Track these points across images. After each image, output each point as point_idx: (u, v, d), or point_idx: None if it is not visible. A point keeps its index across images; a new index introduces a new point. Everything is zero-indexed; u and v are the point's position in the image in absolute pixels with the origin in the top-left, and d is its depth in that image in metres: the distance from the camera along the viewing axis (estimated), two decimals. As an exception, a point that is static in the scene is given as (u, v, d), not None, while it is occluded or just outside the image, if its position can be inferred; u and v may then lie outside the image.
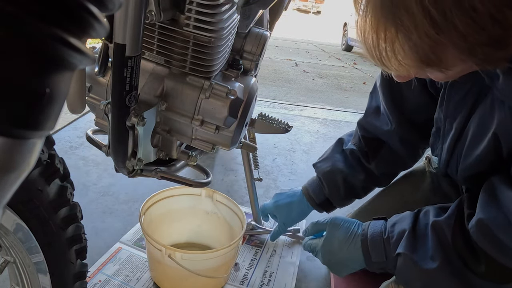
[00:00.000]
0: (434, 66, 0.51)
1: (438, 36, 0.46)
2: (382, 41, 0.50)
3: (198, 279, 0.90)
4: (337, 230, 0.83)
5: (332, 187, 1.00)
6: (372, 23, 0.51)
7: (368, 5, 0.51)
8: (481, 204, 0.63)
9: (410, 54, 0.49)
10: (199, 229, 1.10)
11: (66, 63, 0.22)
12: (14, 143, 0.21)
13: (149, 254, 0.97)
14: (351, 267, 0.82)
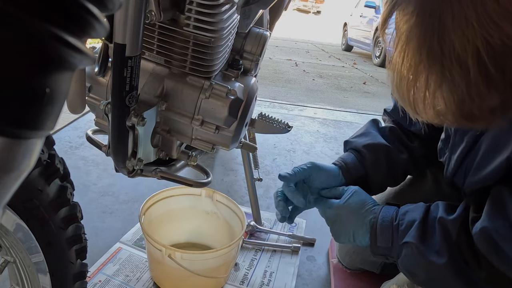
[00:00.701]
0: (476, 122, 0.46)
1: (490, 95, 0.42)
2: (421, 89, 0.45)
3: (198, 279, 0.90)
4: (356, 196, 0.79)
5: (374, 160, 0.87)
6: (412, 65, 0.45)
7: (408, 43, 0.44)
8: (487, 212, 0.63)
9: (452, 108, 0.45)
10: (199, 229, 1.11)
11: (66, 63, 0.22)
12: (14, 143, 0.21)
13: (149, 254, 0.97)
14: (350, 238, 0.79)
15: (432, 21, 0.42)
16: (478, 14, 0.39)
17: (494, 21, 0.39)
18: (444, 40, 0.41)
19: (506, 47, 0.39)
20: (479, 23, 0.39)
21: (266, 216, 1.30)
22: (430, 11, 0.42)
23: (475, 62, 0.40)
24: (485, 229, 0.62)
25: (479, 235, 0.62)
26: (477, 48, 0.40)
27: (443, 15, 0.41)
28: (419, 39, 0.43)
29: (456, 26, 0.40)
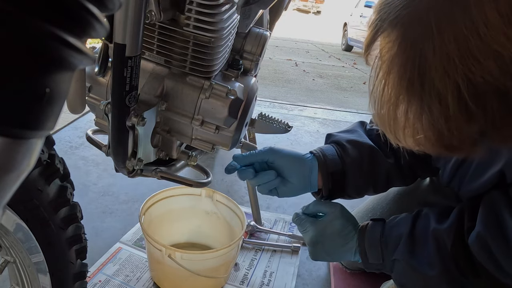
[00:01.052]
0: (456, 152, 0.46)
1: (470, 130, 0.41)
2: (401, 119, 0.44)
3: (198, 279, 0.90)
4: (337, 219, 0.77)
5: (356, 156, 0.80)
6: (392, 96, 0.43)
7: (389, 72, 0.43)
8: (481, 219, 0.63)
9: (432, 140, 0.44)
10: (199, 229, 1.11)
11: (66, 63, 0.22)
12: (14, 143, 0.21)
13: (149, 254, 0.97)
14: (331, 258, 0.80)
15: (413, 53, 0.40)
16: (460, 51, 0.38)
17: (476, 58, 0.37)
18: (424, 74, 0.40)
19: (487, 84, 0.38)
20: (461, 60, 0.38)
21: (266, 216, 1.30)
22: (412, 43, 0.41)
23: (455, 98, 0.39)
24: (481, 236, 0.62)
25: (475, 243, 0.62)
26: (458, 85, 0.39)
27: (424, 48, 0.39)
28: (399, 70, 0.42)
29: (437, 61, 0.39)
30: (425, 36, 0.39)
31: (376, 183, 0.83)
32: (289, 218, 1.28)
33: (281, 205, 1.38)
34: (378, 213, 0.99)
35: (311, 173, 0.79)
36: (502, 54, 0.37)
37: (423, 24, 0.39)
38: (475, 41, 0.37)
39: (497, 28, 0.36)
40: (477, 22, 0.37)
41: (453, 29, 0.37)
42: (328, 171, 0.80)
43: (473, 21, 0.37)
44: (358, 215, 1.05)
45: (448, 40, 0.38)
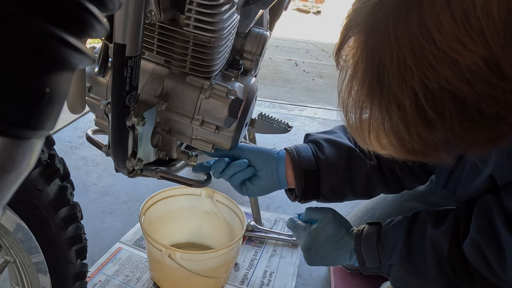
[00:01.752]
0: (421, 157, 0.46)
1: (431, 136, 0.41)
2: (366, 123, 0.45)
3: (198, 279, 0.90)
4: (330, 224, 0.77)
5: (332, 155, 0.77)
6: (356, 101, 0.44)
7: (353, 79, 0.44)
8: (475, 224, 0.63)
9: (395, 144, 0.44)
10: (199, 229, 1.11)
11: (66, 63, 0.22)
12: (14, 143, 0.21)
13: (149, 254, 0.97)
14: (326, 262, 0.80)
15: (373, 60, 0.41)
16: (416, 57, 0.38)
17: (432, 65, 0.37)
18: (383, 80, 0.40)
19: (444, 90, 0.38)
20: (417, 66, 0.38)
21: (266, 216, 1.30)
22: (372, 50, 0.41)
23: (413, 104, 0.39)
24: (474, 242, 0.62)
25: (469, 248, 0.62)
26: (415, 91, 0.39)
27: (383, 55, 0.40)
28: (361, 76, 0.42)
29: (394, 68, 0.39)
30: (383, 44, 0.39)
31: (355, 185, 0.80)
32: (292, 216, 1.28)
33: (281, 205, 1.38)
34: (377, 213, 0.99)
35: (278, 167, 0.77)
36: (457, 61, 0.37)
37: (382, 31, 0.39)
38: (430, 48, 0.37)
39: (452, 35, 0.36)
40: (432, 29, 0.37)
41: (409, 36, 0.38)
42: (301, 168, 0.77)
43: (428, 28, 0.37)
44: (358, 215, 1.05)
45: (405, 47, 0.38)
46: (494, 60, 0.36)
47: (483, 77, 0.37)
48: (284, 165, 0.77)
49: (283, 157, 0.78)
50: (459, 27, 0.36)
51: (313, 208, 0.81)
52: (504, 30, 0.35)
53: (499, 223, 0.60)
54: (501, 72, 0.36)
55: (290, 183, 0.79)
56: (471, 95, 0.37)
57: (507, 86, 0.37)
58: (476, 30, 0.35)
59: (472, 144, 0.42)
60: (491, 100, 0.37)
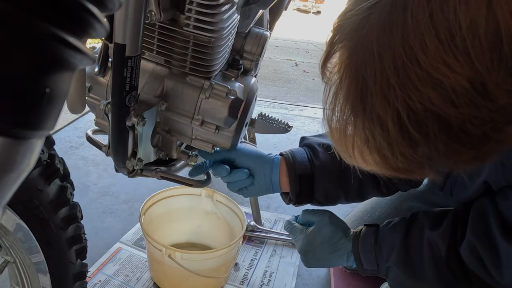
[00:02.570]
0: (406, 174, 0.45)
1: (416, 155, 0.41)
2: (349, 141, 0.44)
3: (198, 279, 0.90)
4: (326, 227, 0.77)
5: (326, 161, 0.79)
6: (339, 118, 0.43)
7: (337, 95, 0.42)
8: (471, 226, 0.63)
9: (379, 162, 0.43)
10: (199, 229, 1.11)
11: (66, 63, 0.22)
12: (14, 143, 0.21)
13: (149, 254, 0.97)
14: (323, 264, 0.80)
15: (356, 78, 0.40)
16: (400, 78, 0.37)
17: (416, 86, 0.36)
18: (366, 99, 0.39)
19: (428, 111, 0.37)
20: (400, 87, 0.37)
21: (266, 216, 1.30)
22: (355, 68, 0.40)
23: (396, 124, 0.38)
24: (471, 244, 0.62)
25: (466, 251, 0.62)
26: (398, 111, 0.38)
27: (366, 74, 0.39)
28: (345, 94, 0.42)
29: (377, 87, 0.38)
30: (367, 62, 0.38)
31: (348, 190, 0.81)
32: (289, 218, 1.28)
33: (281, 205, 1.37)
34: (377, 213, 0.99)
35: (272, 172, 0.78)
36: (442, 82, 0.35)
37: (366, 50, 0.38)
38: (414, 69, 0.36)
39: (436, 56, 0.35)
40: (416, 50, 0.36)
41: (393, 56, 0.37)
42: (296, 173, 0.78)
43: (412, 48, 0.36)
44: (357, 215, 1.05)
45: (388, 67, 0.37)
46: (480, 81, 0.35)
47: (469, 98, 0.36)
48: (278, 171, 0.79)
49: (278, 163, 0.79)
50: (444, 47, 0.35)
51: (309, 211, 0.82)
52: (490, 51, 0.34)
53: (495, 227, 0.60)
54: (487, 93, 0.35)
55: (284, 187, 0.80)
56: (456, 116, 0.36)
57: (493, 107, 0.36)
58: (461, 50, 0.34)
59: (457, 163, 0.41)
60: (477, 120, 0.36)
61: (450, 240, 0.65)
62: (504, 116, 0.37)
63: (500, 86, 0.35)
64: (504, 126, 0.37)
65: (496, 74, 0.34)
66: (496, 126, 0.37)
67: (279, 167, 0.79)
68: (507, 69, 0.34)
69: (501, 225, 0.59)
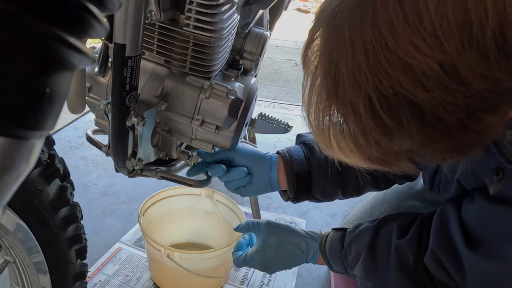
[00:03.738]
0: (383, 166, 0.44)
1: (391, 144, 0.39)
2: (326, 131, 0.43)
3: (198, 279, 0.90)
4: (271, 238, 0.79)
5: (323, 158, 0.79)
6: (316, 108, 0.43)
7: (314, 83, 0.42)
8: (433, 235, 0.64)
9: (356, 153, 0.43)
10: (199, 229, 1.10)
11: (66, 63, 0.22)
12: (14, 143, 0.21)
13: (149, 254, 0.97)
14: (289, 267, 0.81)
15: (329, 65, 0.40)
16: (370, 62, 0.36)
17: (385, 70, 0.36)
18: (338, 85, 0.39)
19: (398, 96, 0.36)
20: (371, 71, 0.36)
21: (266, 216, 1.30)
22: (329, 55, 0.40)
23: (368, 110, 0.38)
24: (434, 253, 0.62)
25: (430, 260, 0.63)
26: (369, 96, 0.37)
27: (339, 60, 0.38)
28: (320, 82, 0.41)
29: (349, 72, 0.38)
30: (339, 48, 0.38)
31: (345, 186, 0.81)
32: (289, 218, 1.28)
33: (281, 205, 1.37)
34: (376, 212, 0.99)
35: (270, 171, 0.79)
36: (411, 65, 0.35)
37: (339, 35, 0.38)
38: (384, 52, 0.35)
39: (404, 38, 0.34)
40: (385, 33, 0.35)
41: (363, 40, 0.36)
42: (293, 171, 0.79)
43: (381, 32, 0.35)
44: (357, 215, 1.05)
45: (359, 52, 0.37)
46: (451, 64, 0.34)
47: (440, 82, 0.35)
48: (276, 170, 0.79)
49: (276, 162, 0.80)
50: (412, 30, 0.34)
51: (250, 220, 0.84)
52: (460, 32, 0.33)
53: (456, 235, 0.60)
54: (460, 77, 0.34)
55: (282, 185, 0.81)
56: (428, 101, 0.36)
57: (468, 92, 0.35)
58: (429, 32, 0.34)
59: (435, 153, 0.40)
60: (451, 106, 0.35)
61: (417, 249, 0.65)
62: (480, 103, 0.35)
63: (473, 69, 0.34)
64: (482, 114, 0.36)
65: (467, 56, 0.33)
66: (473, 114, 0.36)
67: (277, 165, 0.80)
68: (479, 51, 0.33)
69: (462, 232, 0.60)
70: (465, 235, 0.60)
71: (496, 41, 0.33)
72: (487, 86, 0.34)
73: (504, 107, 0.37)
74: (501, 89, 0.35)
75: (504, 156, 0.50)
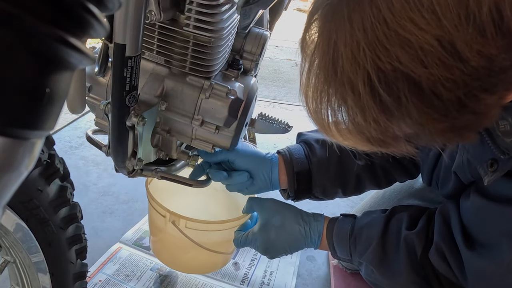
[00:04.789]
0: (381, 147, 0.44)
1: (390, 123, 0.40)
2: (325, 113, 0.43)
3: (199, 253, 0.86)
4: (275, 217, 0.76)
5: (323, 157, 0.79)
6: (314, 89, 0.43)
7: (312, 65, 0.42)
8: (437, 229, 0.64)
9: (355, 134, 0.43)
10: (207, 206, 1.06)
11: (66, 63, 0.22)
12: (14, 143, 0.21)
13: (151, 222, 0.91)
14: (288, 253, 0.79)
15: (328, 45, 0.40)
16: (369, 38, 0.36)
17: (384, 46, 0.36)
18: (337, 64, 0.39)
19: (397, 72, 0.36)
20: (370, 47, 0.37)
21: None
22: (328, 35, 0.40)
23: (367, 88, 0.38)
24: (438, 247, 0.62)
25: (434, 254, 0.63)
26: (368, 73, 0.37)
27: (337, 39, 0.39)
28: (319, 63, 0.41)
29: (348, 51, 0.38)
30: (338, 26, 0.39)
31: (345, 185, 0.82)
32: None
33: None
34: None
35: (271, 172, 0.79)
36: (409, 40, 0.35)
37: (337, 15, 0.39)
38: (382, 28, 0.36)
39: (402, 14, 0.35)
40: (383, 9, 0.35)
41: (361, 17, 0.37)
42: (294, 170, 0.79)
43: (379, 8, 0.36)
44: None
45: (358, 29, 0.37)
46: (448, 39, 0.34)
47: (438, 57, 0.35)
48: (277, 170, 0.80)
49: (276, 162, 0.80)
50: (409, 5, 0.34)
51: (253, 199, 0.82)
52: (457, 7, 0.33)
53: (457, 233, 0.60)
54: (457, 53, 0.35)
55: (283, 184, 0.81)
56: (426, 77, 0.36)
57: (466, 69, 0.35)
58: (427, 7, 0.34)
59: (433, 134, 0.40)
60: (449, 83, 0.36)
61: (425, 242, 0.65)
62: (478, 81, 0.36)
63: (470, 45, 0.34)
64: (480, 93, 0.37)
65: (465, 32, 0.34)
66: (470, 92, 0.36)
67: (277, 166, 0.80)
68: (476, 26, 0.34)
69: (462, 231, 0.60)
70: (464, 234, 0.60)
71: (492, 17, 0.33)
72: (484, 63, 0.35)
73: (500, 88, 0.37)
74: (497, 67, 0.35)
75: (497, 147, 0.50)
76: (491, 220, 0.57)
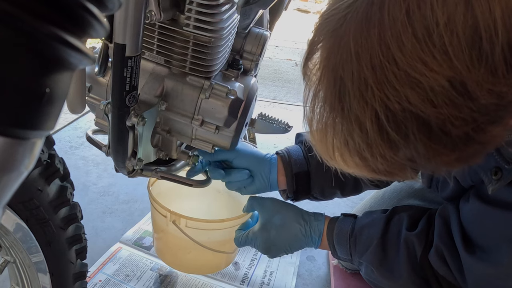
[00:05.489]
0: (387, 177, 0.44)
1: (396, 157, 0.39)
2: (330, 142, 0.42)
3: (201, 253, 0.86)
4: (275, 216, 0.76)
5: None
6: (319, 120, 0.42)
7: (316, 96, 0.41)
8: (437, 231, 0.64)
9: (360, 165, 0.42)
10: (209, 208, 1.06)
11: (66, 63, 0.22)
12: (14, 143, 0.21)
13: (154, 222, 0.92)
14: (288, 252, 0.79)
15: (334, 79, 0.39)
16: (377, 77, 0.36)
17: (393, 86, 0.35)
18: (344, 100, 0.38)
19: (406, 112, 0.36)
20: (378, 86, 0.36)
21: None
22: (333, 68, 0.39)
23: (375, 125, 0.37)
24: (438, 249, 0.62)
25: (434, 256, 0.63)
26: (376, 112, 0.37)
27: (344, 74, 0.38)
28: (324, 95, 0.41)
29: (355, 87, 0.37)
30: (344, 62, 0.38)
31: (344, 185, 0.81)
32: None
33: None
34: None
35: (270, 173, 0.80)
36: (420, 81, 0.34)
37: (343, 49, 0.38)
38: (391, 68, 0.35)
39: (414, 54, 0.34)
40: (393, 48, 0.34)
41: (370, 55, 0.36)
42: (292, 172, 0.80)
43: (389, 47, 0.35)
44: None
45: (366, 66, 0.36)
46: (460, 80, 0.34)
47: (448, 98, 0.34)
48: (276, 172, 0.80)
49: (275, 163, 0.81)
50: (421, 45, 0.33)
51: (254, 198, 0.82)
52: (469, 49, 0.33)
53: (457, 237, 0.60)
54: (468, 93, 0.34)
55: (282, 185, 0.82)
56: (436, 116, 0.35)
57: (475, 107, 0.34)
58: (439, 48, 0.33)
59: (439, 165, 0.40)
60: (458, 121, 0.35)
61: (425, 242, 0.65)
62: (486, 116, 0.35)
63: (481, 85, 0.34)
64: (486, 126, 0.36)
65: (476, 73, 0.33)
66: (478, 127, 0.36)
67: (276, 167, 0.80)
68: (488, 67, 0.33)
69: (461, 234, 0.60)
70: (464, 237, 0.60)
71: (504, 56, 0.33)
72: (494, 100, 0.34)
73: (507, 118, 0.37)
74: (506, 101, 0.35)
75: (501, 156, 0.50)
76: (491, 224, 0.56)
